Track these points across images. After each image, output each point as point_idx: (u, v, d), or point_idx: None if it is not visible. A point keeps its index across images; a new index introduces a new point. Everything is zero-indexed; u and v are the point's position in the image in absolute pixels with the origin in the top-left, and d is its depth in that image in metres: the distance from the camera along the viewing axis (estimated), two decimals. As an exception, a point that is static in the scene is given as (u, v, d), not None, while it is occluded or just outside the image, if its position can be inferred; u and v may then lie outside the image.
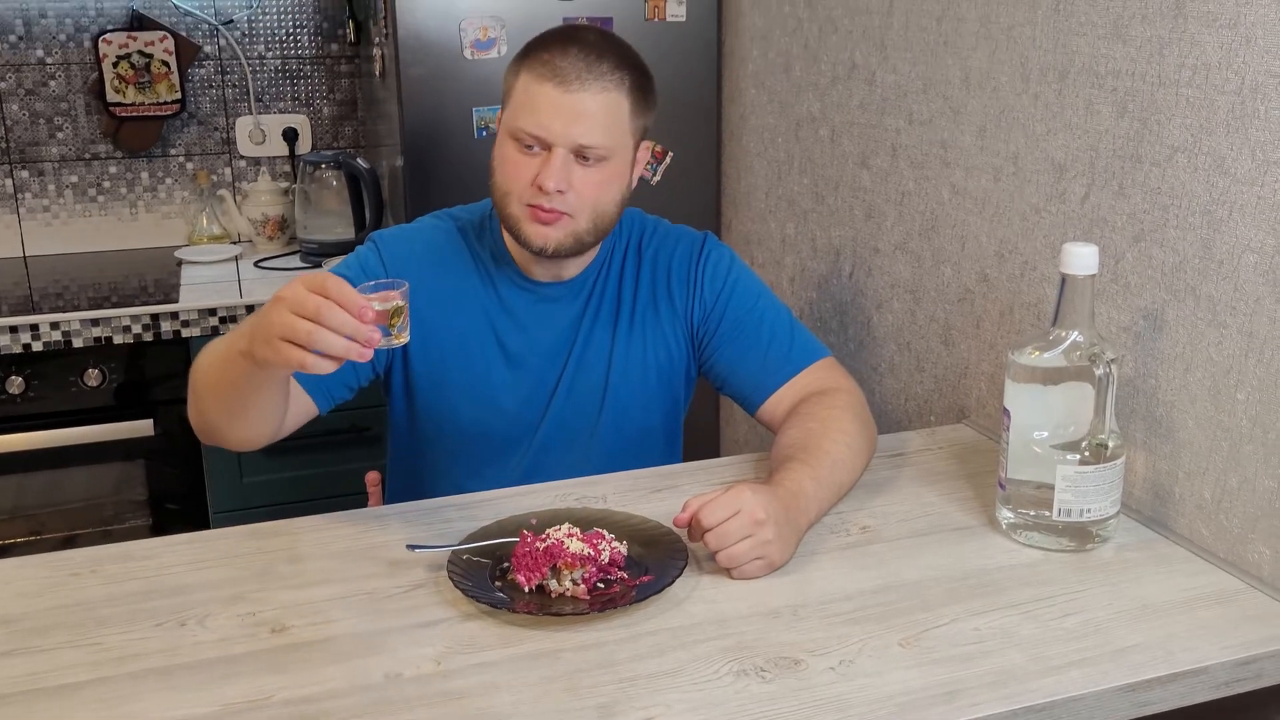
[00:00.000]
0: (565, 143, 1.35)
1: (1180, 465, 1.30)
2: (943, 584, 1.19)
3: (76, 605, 1.17)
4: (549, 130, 1.35)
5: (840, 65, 1.97)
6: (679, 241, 1.55)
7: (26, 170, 2.67)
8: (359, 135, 2.87)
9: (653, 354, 1.53)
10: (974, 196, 1.64)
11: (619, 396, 1.52)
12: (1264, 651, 1.08)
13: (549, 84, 1.35)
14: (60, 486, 2.30)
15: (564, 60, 1.35)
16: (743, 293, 1.53)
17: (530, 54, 1.39)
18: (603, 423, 1.52)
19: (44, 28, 2.61)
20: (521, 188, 1.38)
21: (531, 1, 2.22)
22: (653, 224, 1.58)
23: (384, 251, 1.48)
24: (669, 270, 1.53)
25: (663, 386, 1.55)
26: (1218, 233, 1.23)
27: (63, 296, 2.38)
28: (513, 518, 1.29)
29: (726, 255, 1.55)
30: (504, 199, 1.41)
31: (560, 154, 1.35)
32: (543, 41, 1.40)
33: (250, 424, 1.32)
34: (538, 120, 1.35)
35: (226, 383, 1.26)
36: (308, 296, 1.08)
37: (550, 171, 1.35)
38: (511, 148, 1.39)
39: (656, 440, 1.58)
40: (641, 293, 1.53)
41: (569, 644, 1.08)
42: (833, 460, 1.32)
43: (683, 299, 1.53)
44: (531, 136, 1.36)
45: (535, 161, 1.37)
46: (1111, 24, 1.35)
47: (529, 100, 1.36)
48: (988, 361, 1.65)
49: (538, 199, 1.37)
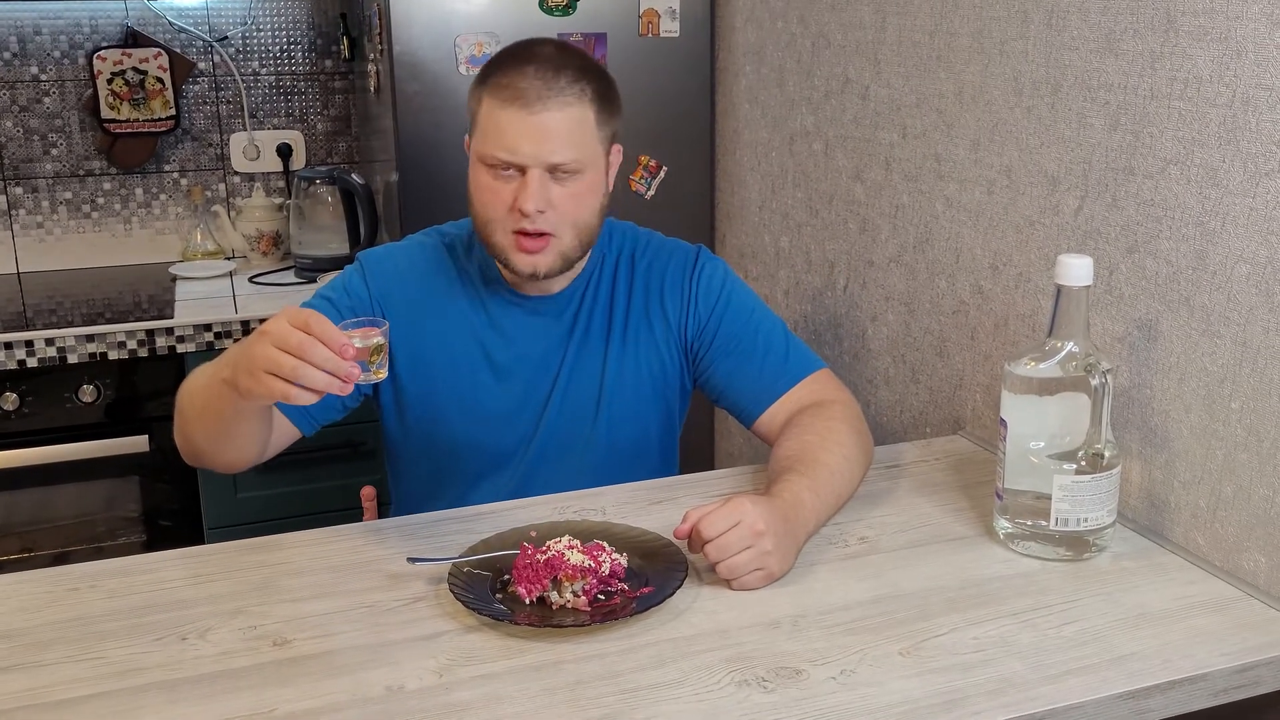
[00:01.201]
0: (537, 163, 1.36)
1: (1176, 474, 1.31)
2: (941, 593, 1.20)
3: (77, 620, 1.16)
4: (519, 153, 1.36)
5: (834, 80, 1.99)
6: (673, 254, 1.56)
7: (20, 187, 2.67)
8: (353, 151, 2.88)
9: (646, 366, 1.53)
10: (968, 209, 1.65)
11: (612, 409, 1.52)
12: (1261, 659, 1.09)
13: (512, 108, 1.35)
14: (53, 503, 2.30)
15: (523, 81, 1.35)
16: (738, 306, 1.53)
17: (489, 77, 1.39)
18: (597, 435, 1.53)
19: (38, 44, 2.61)
20: (502, 214, 1.39)
21: (525, 18, 2.24)
22: (645, 237, 1.58)
23: (369, 271, 1.50)
24: (662, 283, 1.54)
25: (656, 398, 1.55)
26: (1211, 244, 1.24)
27: (57, 313, 2.38)
28: (513, 530, 1.29)
29: (720, 268, 1.56)
30: (486, 227, 1.42)
31: (535, 174, 1.36)
32: (499, 63, 1.40)
33: (234, 449, 1.35)
34: (506, 145, 1.36)
35: (211, 410, 1.29)
36: (291, 332, 1.11)
37: (529, 194, 1.36)
38: (485, 174, 1.39)
39: (651, 452, 1.59)
40: (635, 305, 1.53)
41: (570, 655, 1.09)
42: (830, 471, 1.33)
43: (676, 312, 1.53)
44: (503, 161, 1.37)
45: (511, 186, 1.38)
46: (1103, 38, 1.37)
47: (495, 126, 1.36)
48: (982, 373, 1.66)
49: (520, 224, 1.38)
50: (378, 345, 1.17)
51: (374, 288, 1.48)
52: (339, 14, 2.75)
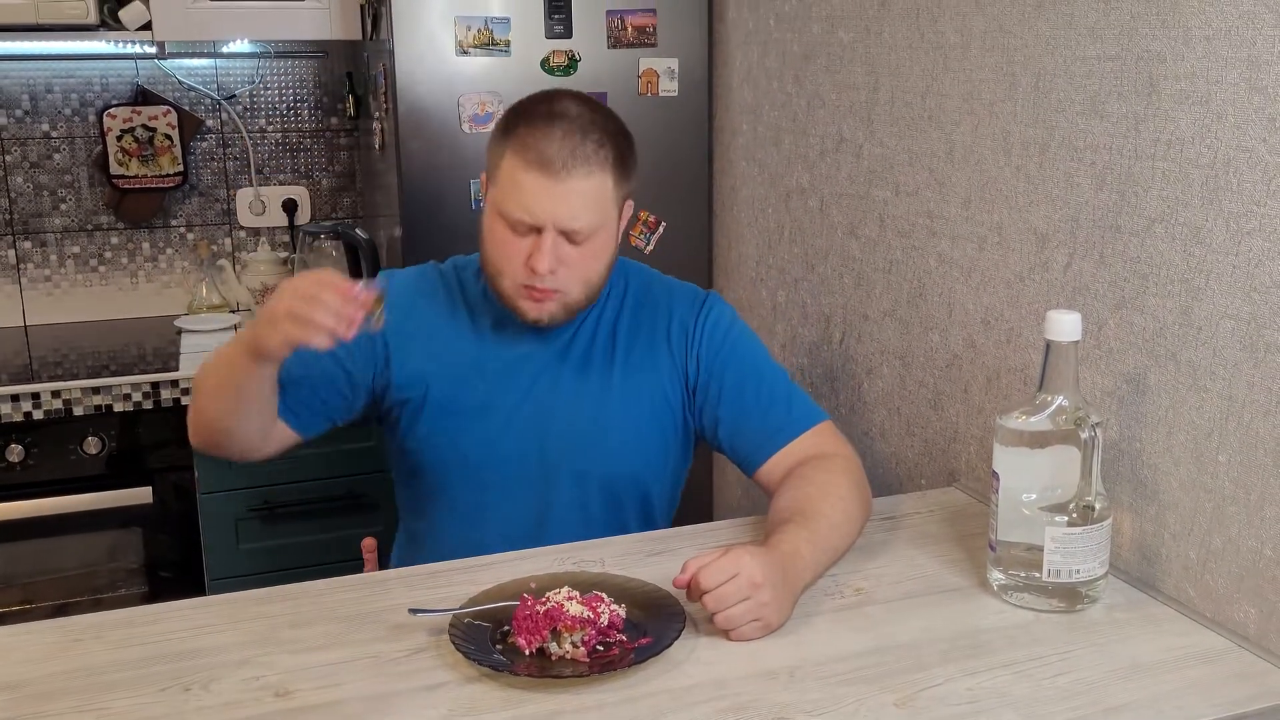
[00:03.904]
0: (554, 226, 1.40)
1: (1166, 526, 1.33)
2: (936, 644, 1.21)
3: (81, 671, 1.18)
4: (538, 217, 1.39)
5: (828, 139, 2.03)
6: (683, 295, 1.59)
7: (30, 241, 2.71)
8: (357, 206, 2.92)
9: (648, 397, 1.55)
10: (960, 265, 1.69)
11: (615, 434, 1.53)
12: (1251, 710, 1.10)
13: (536, 171, 1.38)
14: (55, 554, 2.31)
15: (549, 146, 1.38)
16: (743, 353, 1.55)
17: (514, 132, 1.41)
18: (600, 465, 1.54)
19: (50, 102, 2.67)
20: (514, 269, 1.43)
21: (528, 78, 2.29)
22: (659, 277, 1.62)
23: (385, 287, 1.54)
24: (670, 319, 1.56)
25: (657, 429, 1.56)
26: (1196, 300, 1.27)
27: (63, 365, 2.41)
28: (513, 581, 1.30)
29: (728, 313, 1.58)
30: (496, 277, 1.46)
31: (550, 236, 1.40)
32: (526, 117, 1.42)
33: (246, 423, 1.44)
34: (526, 207, 1.39)
35: (228, 382, 1.40)
36: (305, 280, 1.28)
37: (542, 256, 1.39)
38: (501, 226, 1.43)
39: (653, 485, 1.59)
40: (640, 336, 1.56)
41: (569, 706, 1.10)
42: (829, 524, 1.35)
43: (681, 351, 1.55)
44: (521, 222, 1.40)
45: (526, 242, 1.41)
46: (1089, 101, 1.41)
47: (516, 186, 1.40)
48: (976, 425, 1.68)
49: (531, 280, 1.42)
50: (379, 295, 1.31)
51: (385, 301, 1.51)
52: (345, 73, 2.81)
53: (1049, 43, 1.47)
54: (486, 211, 1.46)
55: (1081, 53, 1.41)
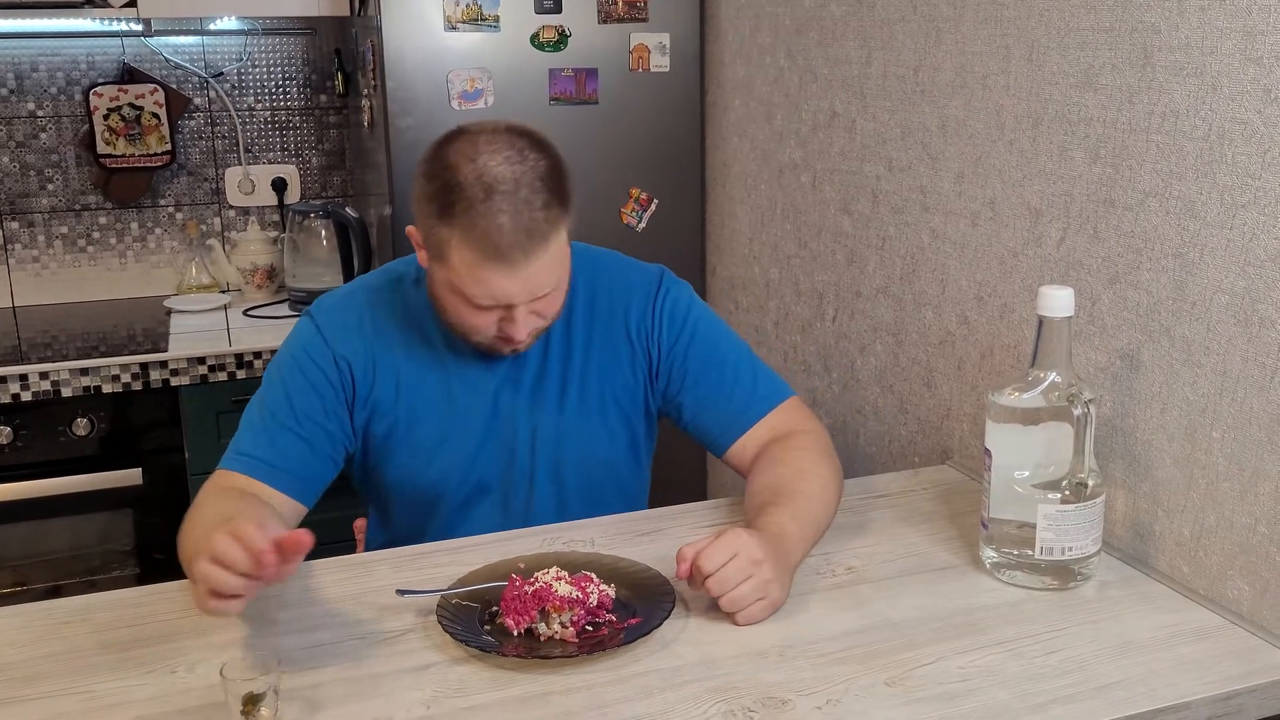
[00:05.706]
0: (525, 301, 1.34)
1: (1159, 503, 1.32)
2: (928, 623, 1.21)
3: (67, 653, 1.17)
4: (508, 300, 1.33)
5: (821, 114, 2.01)
6: (637, 280, 1.53)
7: (16, 221, 2.69)
8: (347, 185, 2.90)
9: (612, 393, 1.52)
10: (953, 241, 1.67)
11: (580, 433, 1.51)
12: (1244, 687, 1.09)
13: (493, 265, 1.29)
14: (46, 537, 2.30)
15: (500, 236, 1.27)
16: (705, 334, 1.52)
17: (453, 215, 1.29)
18: (566, 461, 1.51)
19: (35, 81, 2.64)
20: (486, 333, 1.38)
21: (517, 54, 2.27)
22: (603, 260, 1.55)
23: (323, 325, 1.46)
24: (626, 310, 1.51)
25: (622, 419, 1.54)
26: (1190, 275, 1.26)
27: (52, 346, 2.39)
28: (501, 561, 1.30)
29: (685, 293, 1.54)
30: (466, 335, 1.40)
31: (523, 311, 1.35)
32: (463, 198, 1.28)
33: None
34: (493, 296, 1.32)
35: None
36: (203, 565, 1.09)
37: (517, 327, 1.35)
38: (462, 301, 1.35)
39: (623, 473, 1.57)
40: (597, 331, 1.51)
41: (558, 687, 1.09)
42: (808, 499, 1.34)
43: (641, 339, 1.51)
44: (489, 305, 1.34)
45: (494, 314, 1.35)
46: (1082, 73, 1.39)
47: (476, 277, 1.31)
48: (969, 403, 1.67)
49: (508, 346, 1.39)
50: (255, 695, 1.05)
51: (333, 344, 1.45)
52: (333, 50, 2.78)
53: (1042, 14, 1.45)
54: (438, 283, 1.37)
55: (1075, 24, 1.39)
